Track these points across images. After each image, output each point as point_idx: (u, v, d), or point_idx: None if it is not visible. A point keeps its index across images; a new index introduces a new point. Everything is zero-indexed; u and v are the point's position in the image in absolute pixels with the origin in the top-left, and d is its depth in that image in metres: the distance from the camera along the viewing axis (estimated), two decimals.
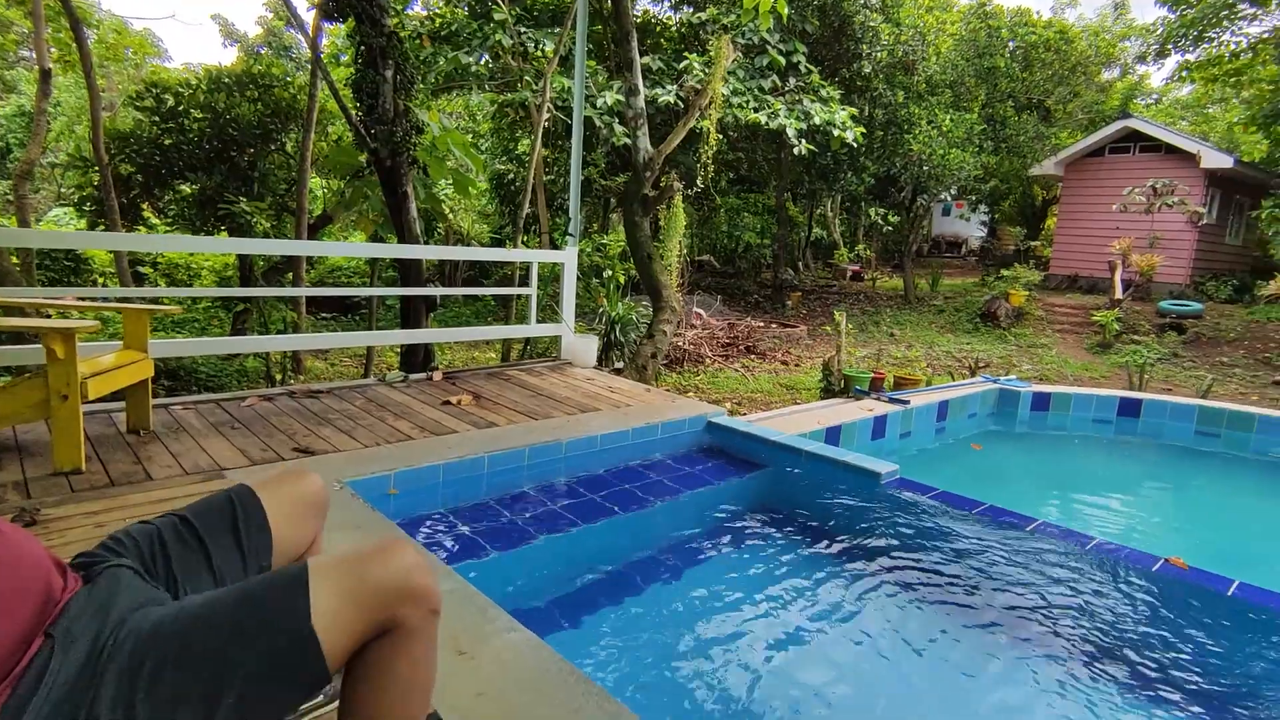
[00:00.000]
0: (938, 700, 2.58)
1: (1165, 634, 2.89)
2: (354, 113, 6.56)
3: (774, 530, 3.92)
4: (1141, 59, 21.09)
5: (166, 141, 8.22)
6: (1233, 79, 19.85)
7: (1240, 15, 17.88)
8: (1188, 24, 18.29)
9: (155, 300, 8.15)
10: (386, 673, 1.19)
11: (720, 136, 12.94)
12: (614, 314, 6.94)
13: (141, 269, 10.97)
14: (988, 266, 20.61)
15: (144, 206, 9.14)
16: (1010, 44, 17.53)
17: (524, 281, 7.52)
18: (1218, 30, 18.35)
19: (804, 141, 12.30)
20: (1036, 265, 18.49)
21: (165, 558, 1.27)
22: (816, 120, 12.20)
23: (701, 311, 13.40)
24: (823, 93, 12.74)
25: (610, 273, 7.72)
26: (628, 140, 8.29)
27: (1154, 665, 2.72)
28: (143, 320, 3.59)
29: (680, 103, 11.07)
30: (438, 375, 5.19)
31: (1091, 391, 7.38)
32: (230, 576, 1.32)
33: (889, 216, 22.08)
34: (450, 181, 9.74)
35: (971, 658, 2.78)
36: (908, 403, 6.12)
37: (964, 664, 2.74)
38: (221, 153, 8.40)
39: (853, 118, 12.46)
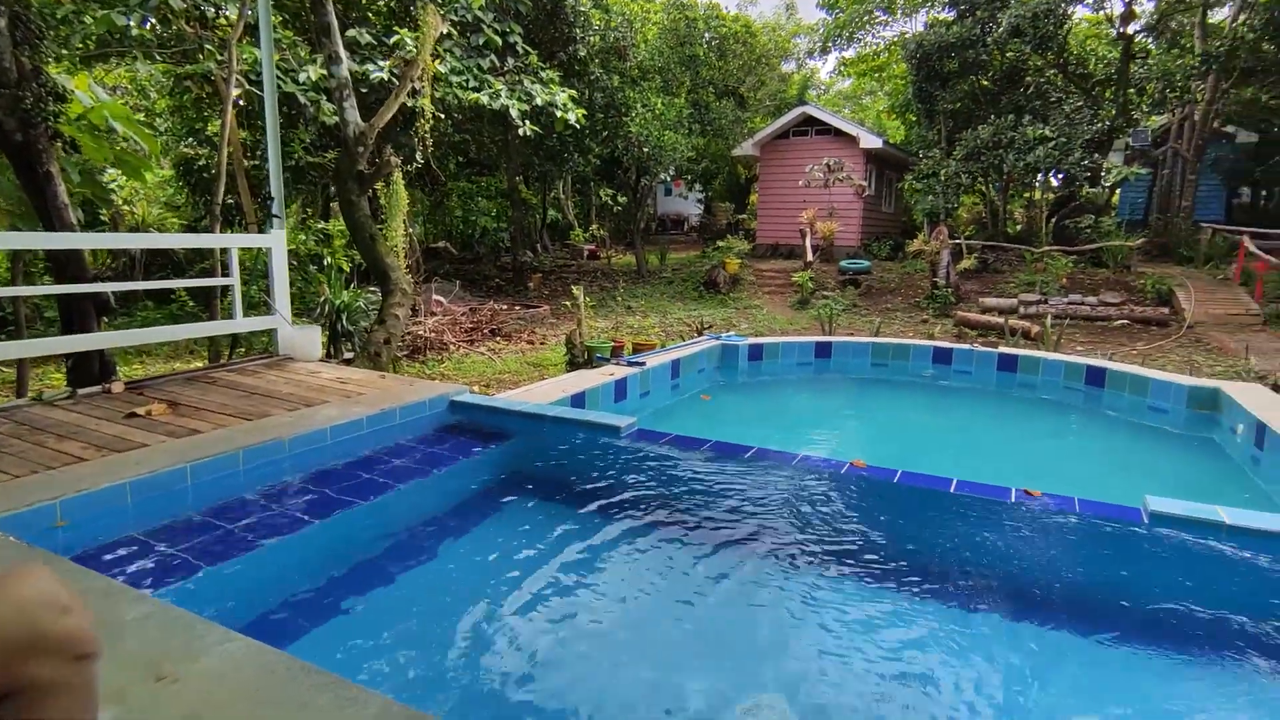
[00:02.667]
0: (701, 624, 2.81)
1: (855, 517, 3.45)
2: None
3: (528, 495, 3.95)
4: (810, 54, 24.54)
5: None
6: (876, 74, 23.94)
7: (877, 21, 21.57)
8: (841, 26, 21.61)
9: None
10: None
11: (442, 116, 12.52)
12: (338, 302, 6.40)
13: None
14: (706, 240, 22.62)
15: None
16: (706, 35, 19.26)
17: (225, 274, 6.63)
18: (863, 32, 21.97)
19: (528, 122, 12.38)
20: (746, 237, 20.72)
21: None
22: (539, 101, 12.33)
23: (441, 299, 12.97)
24: (543, 74, 12.90)
25: (331, 259, 7.10)
26: (338, 118, 7.66)
27: (851, 541, 3.24)
28: None
29: (394, 79, 10.49)
30: (118, 387, 4.39)
31: (794, 340, 8.50)
32: None
33: (617, 197, 23.21)
34: (122, 165, 8.19)
35: (721, 577, 3.06)
36: (644, 364, 6.52)
37: (717, 585, 3.02)
38: None
39: (573, 100, 12.80)
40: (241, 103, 10.20)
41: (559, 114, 12.53)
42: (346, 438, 3.91)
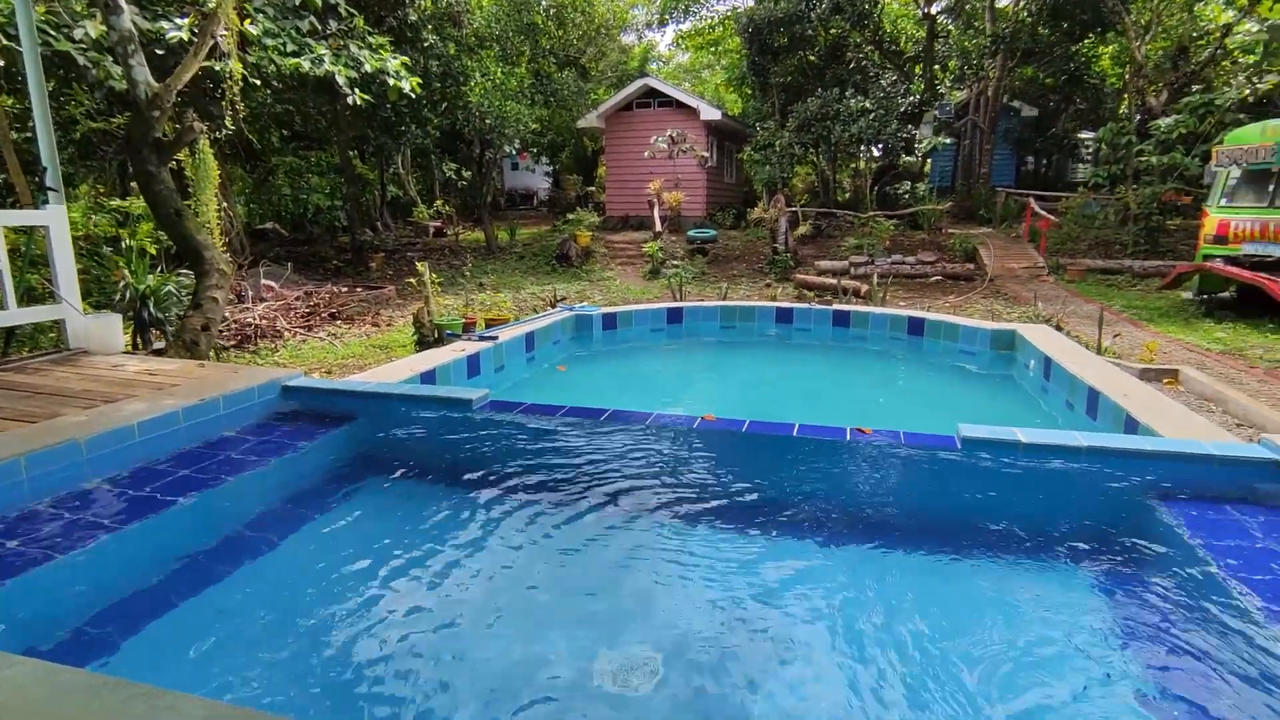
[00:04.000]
0: (570, 587, 2.78)
1: (708, 468, 3.57)
2: None
3: (378, 477, 3.74)
4: (649, 26, 24.75)
5: None
6: (713, 48, 24.59)
7: None
8: None
9: None
10: None
11: (258, 84, 11.42)
12: (142, 287, 5.67)
13: None
14: (556, 214, 22.40)
15: None
16: (543, 2, 18.87)
17: None
18: (698, 6, 22.44)
19: (358, 91, 11.57)
20: (595, 209, 20.74)
21: None
22: (368, 68, 11.54)
23: (272, 283, 11.97)
24: (371, 40, 12.08)
25: (131, 241, 6.28)
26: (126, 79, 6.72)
27: (706, 490, 3.35)
28: None
29: (195, 38, 9.40)
30: None
31: (646, 307, 8.63)
32: None
33: (462, 172, 22.36)
34: None
35: (585, 538, 3.05)
36: (496, 338, 6.36)
37: (582, 546, 3.00)
38: None
39: (406, 67, 12.10)
40: (1, 63, 8.73)
41: (391, 82, 11.80)
42: (159, 434, 3.50)
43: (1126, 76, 17.58)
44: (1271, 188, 9.37)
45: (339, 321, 10.68)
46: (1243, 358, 7.52)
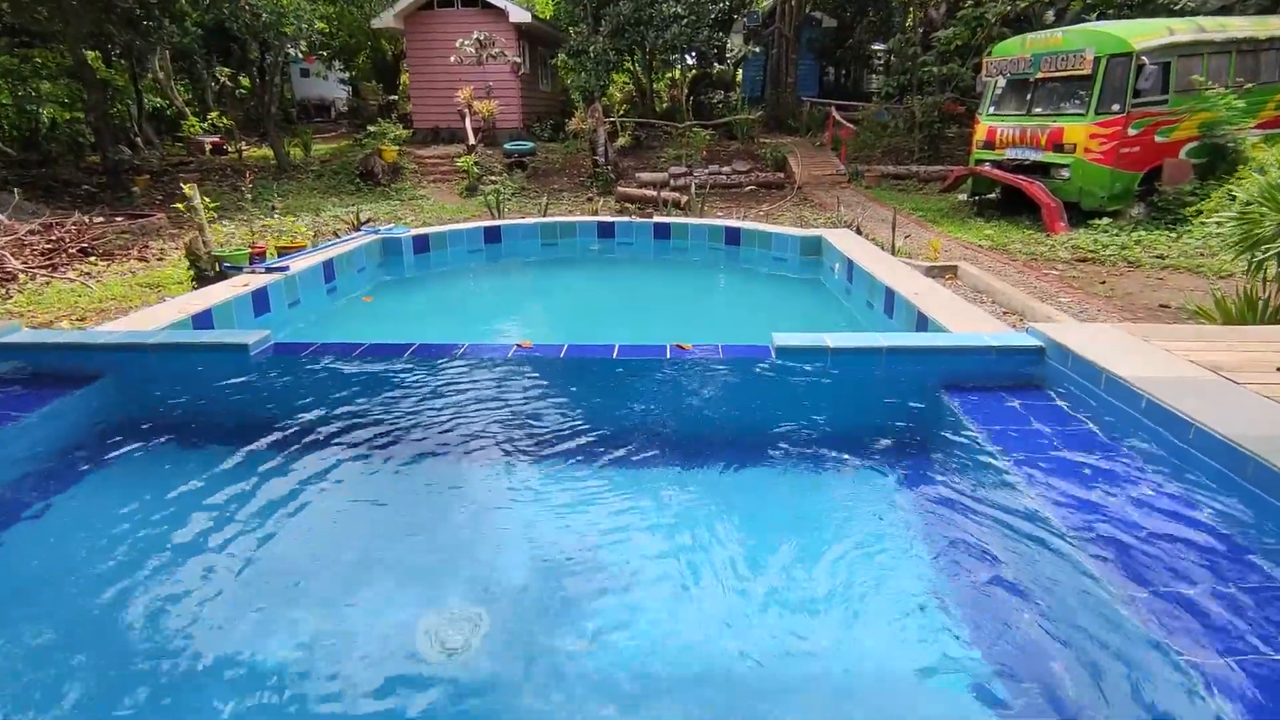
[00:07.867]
0: (379, 538, 2.51)
1: (530, 392, 3.40)
2: None
3: (133, 444, 3.16)
4: None
5: None
6: None
7: None
8: None
9: None
10: None
11: None
12: None
13: None
14: (357, 127, 20.35)
15: None
16: None
17: None
18: None
19: None
20: (402, 121, 19.03)
21: None
22: None
23: None
24: None
25: None
26: None
27: (526, 422, 3.17)
28: None
29: None
30: None
31: (461, 227, 8.08)
32: None
33: (239, 78, 19.51)
34: None
35: (397, 484, 2.77)
36: (287, 269, 5.64)
37: (392, 493, 2.73)
38: None
39: None
40: None
41: None
42: None
43: None
44: (1029, 96, 10.42)
45: (93, 258, 9.06)
46: (1005, 252, 8.48)
